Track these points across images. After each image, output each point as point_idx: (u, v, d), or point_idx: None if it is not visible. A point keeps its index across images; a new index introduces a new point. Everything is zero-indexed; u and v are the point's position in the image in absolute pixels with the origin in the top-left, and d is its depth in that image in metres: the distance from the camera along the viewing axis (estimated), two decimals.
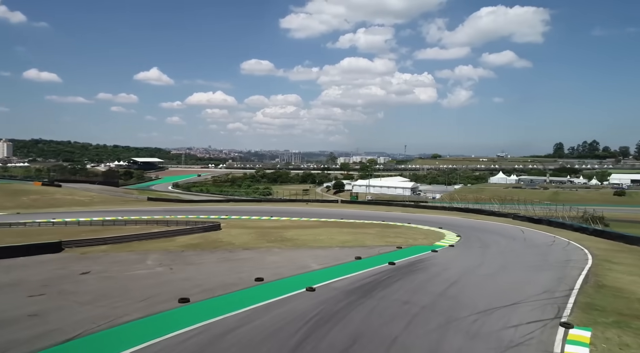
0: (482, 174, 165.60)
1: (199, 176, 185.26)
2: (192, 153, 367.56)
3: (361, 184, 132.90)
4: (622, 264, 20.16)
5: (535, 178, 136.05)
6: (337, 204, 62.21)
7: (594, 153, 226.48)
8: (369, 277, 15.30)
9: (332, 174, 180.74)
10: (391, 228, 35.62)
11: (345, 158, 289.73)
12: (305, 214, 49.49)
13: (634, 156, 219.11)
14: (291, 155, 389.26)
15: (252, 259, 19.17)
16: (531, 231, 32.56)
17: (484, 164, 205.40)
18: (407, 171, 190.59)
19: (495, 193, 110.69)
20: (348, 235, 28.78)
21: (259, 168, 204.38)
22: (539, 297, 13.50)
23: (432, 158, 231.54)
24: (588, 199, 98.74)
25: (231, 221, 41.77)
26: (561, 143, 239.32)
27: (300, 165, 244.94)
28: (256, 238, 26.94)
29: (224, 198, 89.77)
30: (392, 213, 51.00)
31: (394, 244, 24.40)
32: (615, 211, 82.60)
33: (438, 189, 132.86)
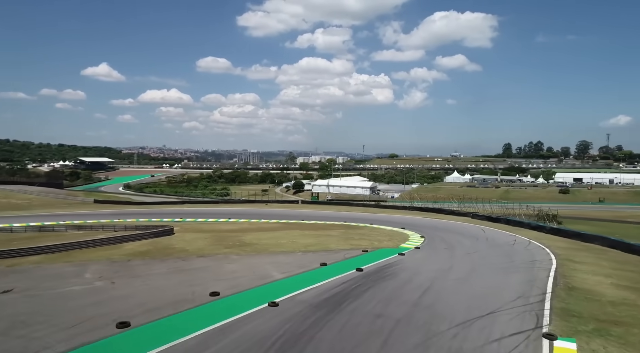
0: (437, 174, 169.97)
1: (153, 177, 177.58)
2: (145, 153, 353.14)
3: (321, 184, 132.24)
4: (584, 263, 20.18)
5: (487, 177, 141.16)
6: (297, 204, 60.81)
7: (539, 153, 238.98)
8: (336, 287, 14.04)
9: (292, 174, 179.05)
10: (354, 229, 34.70)
11: (304, 158, 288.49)
12: (265, 216, 47.72)
13: (574, 156, 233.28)
14: (249, 155, 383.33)
15: (208, 268, 17.39)
16: (492, 231, 32.70)
17: (439, 163, 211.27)
18: (366, 171, 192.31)
19: (451, 192, 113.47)
20: (311, 238, 27.47)
21: (217, 168, 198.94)
22: (514, 304, 12.79)
23: (389, 158, 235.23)
24: (537, 197, 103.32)
25: (186, 224, 39.31)
26: (509, 144, 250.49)
27: (259, 165, 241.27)
28: (212, 243, 25.02)
29: (179, 199, 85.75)
30: (354, 214, 50.29)
31: (359, 247, 23.35)
32: (562, 208, 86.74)
33: (396, 189, 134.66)
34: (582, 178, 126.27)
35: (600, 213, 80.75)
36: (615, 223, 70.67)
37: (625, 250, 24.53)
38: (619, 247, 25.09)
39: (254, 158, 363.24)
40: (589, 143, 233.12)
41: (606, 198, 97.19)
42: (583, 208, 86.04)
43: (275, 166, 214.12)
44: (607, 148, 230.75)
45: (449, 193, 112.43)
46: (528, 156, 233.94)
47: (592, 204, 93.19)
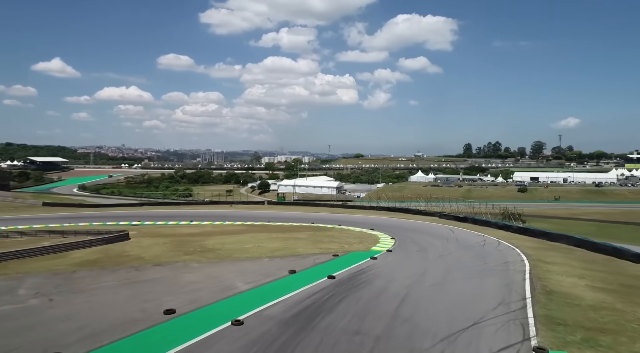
0: (402, 173, 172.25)
1: (111, 177, 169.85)
2: (102, 152, 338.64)
3: (287, 184, 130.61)
4: (556, 264, 19.97)
5: (450, 177, 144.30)
6: (263, 205, 59.08)
7: (497, 153, 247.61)
8: (308, 298, 12.79)
9: (257, 174, 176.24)
10: (322, 231, 33.60)
11: (269, 158, 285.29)
12: (230, 218, 45.84)
13: (530, 156, 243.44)
14: (213, 155, 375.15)
15: (164, 279, 15.68)
16: (460, 231, 32.51)
17: (403, 163, 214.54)
18: (332, 171, 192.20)
19: (416, 191, 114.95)
20: (278, 242, 26.09)
21: (179, 168, 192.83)
22: (497, 312, 12.02)
23: (355, 158, 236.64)
24: (497, 196, 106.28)
25: (144, 228, 36.91)
26: (470, 144, 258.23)
27: (223, 165, 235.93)
28: (171, 249, 23.15)
29: (138, 201, 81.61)
30: (321, 214, 49.26)
31: (329, 251, 22.21)
32: (522, 207, 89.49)
33: (362, 188, 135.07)
34: (538, 177, 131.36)
35: (556, 210, 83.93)
36: (571, 220, 73.51)
37: (591, 248, 24.75)
38: (584, 246, 25.32)
39: (218, 158, 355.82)
40: (542, 144, 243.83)
41: (561, 196, 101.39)
42: (541, 206, 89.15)
43: (240, 166, 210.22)
44: (559, 148, 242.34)
45: (414, 192, 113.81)
46: (487, 156, 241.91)
47: (549, 202, 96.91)
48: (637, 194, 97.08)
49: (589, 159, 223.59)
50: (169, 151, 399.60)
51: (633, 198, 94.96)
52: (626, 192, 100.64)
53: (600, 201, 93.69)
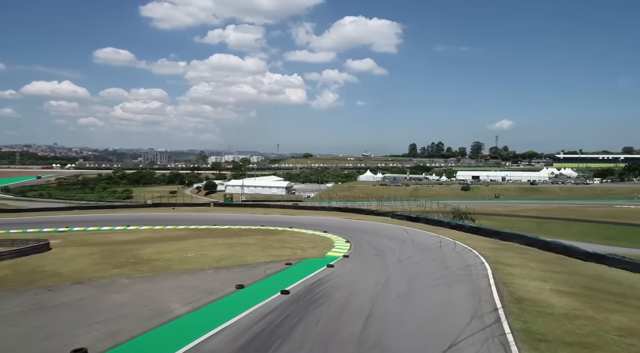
0: (350, 173, 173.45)
1: (39, 178, 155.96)
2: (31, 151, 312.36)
3: (235, 185, 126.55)
4: (515, 266, 19.39)
5: (397, 176, 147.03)
6: (209, 207, 55.71)
7: (440, 152, 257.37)
8: (258, 322, 10.77)
9: (203, 174, 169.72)
10: (273, 234, 31.49)
11: (216, 157, 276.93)
12: (172, 222, 42.38)
13: (470, 155, 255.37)
14: (157, 154, 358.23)
15: (82, 303, 12.92)
16: (415, 231, 31.77)
17: (352, 163, 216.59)
18: (281, 170, 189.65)
19: (365, 191, 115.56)
20: (224, 248, 23.69)
21: (118, 168, 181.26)
22: (472, 328, 10.70)
23: (304, 157, 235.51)
24: (442, 194, 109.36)
25: (71, 235, 32.81)
26: (415, 144, 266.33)
27: (167, 165, 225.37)
28: (99, 261, 20.05)
29: (68, 204, 74.39)
30: (271, 216, 47.05)
31: (281, 258, 20.23)
32: (465, 204, 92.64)
33: (312, 188, 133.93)
34: (479, 176, 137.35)
35: (497, 208, 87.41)
36: (512, 217, 76.66)
37: (543, 247, 24.75)
38: (537, 245, 25.31)
39: (162, 158, 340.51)
40: (481, 144, 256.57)
41: (500, 194, 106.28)
42: (483, 204, 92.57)
43: (185, 166, 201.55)
44: (496, 149, 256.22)
45: (364, 191, 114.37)
46: (431, 156, 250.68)
47: (490, 199, 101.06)
48: (567, 192, 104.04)
49: (522, 159, 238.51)
50: (108, 150, 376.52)
51: (564, 195, 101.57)
52: (557, 189, 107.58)
53: (535, 198, 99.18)
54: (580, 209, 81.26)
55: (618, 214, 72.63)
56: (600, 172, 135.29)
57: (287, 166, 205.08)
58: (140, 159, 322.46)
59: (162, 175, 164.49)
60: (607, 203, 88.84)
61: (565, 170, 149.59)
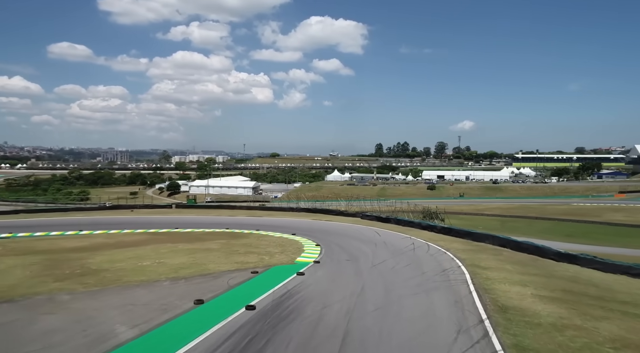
0: (318, 173, 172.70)
1: None
2: None
3: (199, 185, 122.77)
4: (492, 269, 18.70)
5: (364, 175, 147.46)
6: (171, 209, 52.89)
7: (405, 152, 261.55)
8: (219, 347, 9.21)
9: (166, 174, 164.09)
10: (238, 238, 29.72)
11: (180, 157, 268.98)
12: (130, 225, 39.60)
13: (434, 155, 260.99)
14: (117, 154, 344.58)
15: (5, 329, 10.86)
16: (386, 233, 30.84)
17: (319, 162, 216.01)
18: (248, 170, 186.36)
19: (333, 190, 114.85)
20: (184, 255, 21.77)
21: (74, 168, 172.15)
22: (460, 346, 9.61)
23: (271, 157, 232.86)
24: (409, 194, 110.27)
25: (13, 242, 29.69)
26: (381, 144, 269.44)
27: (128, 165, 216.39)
28: (39, 273, 17.71)
29: (14, 207, 68.91)
30: (237, 218, 45.07)
31: (246, 266, 18.62)
32: (432, 203, 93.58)
33: (279, 188, 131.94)
34: (444, 175, 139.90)
35: (462, 206, 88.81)
36: (477, 215, 77.97)
37: (515, 248, 24.38)
38: (509, 246, 24.93)
39: (123, 157, 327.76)
40: (445, 144, 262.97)
41: (465, 193, 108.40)
42: (449, 203, 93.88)
43: (147, 166, 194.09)
44: (459, 149, 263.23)
45: (332, 191, 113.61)
46: (397, 155, 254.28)
47: (455, 198, 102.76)
48: (527, 190, 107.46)
49: (483, 159, 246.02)
50: (64, 149, 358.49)
51: (524, 193, 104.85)
52: (518, 188, 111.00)
53: (498, 197, 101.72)
54: (540, 207, 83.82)
55: (575, 212, 75.36)
56: (557, 171, 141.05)
57: (254, 166, 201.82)
58: (99, 159, 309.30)
59: (122, 175, 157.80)
60: (564, 200, 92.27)
61: (524, 169, 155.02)
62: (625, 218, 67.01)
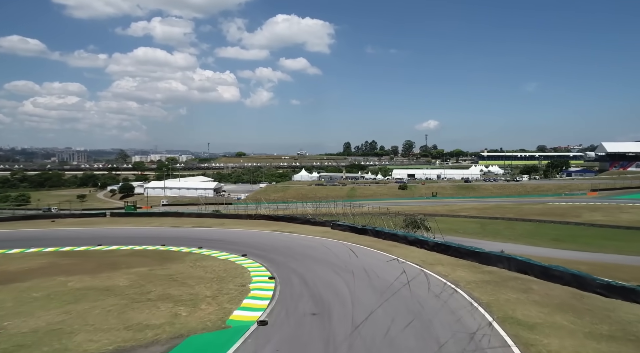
0: (285, 172, 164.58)
1: None
2: None
3: (156, 186, 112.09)
4: (541, 327, 11.72)
5: (333, 175, 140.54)
6: (104, 218, 43.67)
7: (374, 151, 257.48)
8: None
9: (123, 175, 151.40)
10: (168, 263, 21.64)
11: (141, 157, 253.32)
12: (41, 242, 30.46)
13: (402, 153, 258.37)
14: (74, 153, 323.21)
15: None
16: (364, 252, 23.56)
17: (286, 161, 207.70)
18: (211, 170, 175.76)
19: (300, 191, 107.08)
20: (57, 307, 13.57)
21: (18, 169, 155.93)
22: None
23: (236, 156, 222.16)
24: (380, 194, 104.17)
25: None
26: (349, 142, 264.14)
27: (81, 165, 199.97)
28: None
29: None
30: (181, 230, 36.67)
31: (141, 337, 10.77)
32: (405, 205, 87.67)
33: (243, 189, 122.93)
34: (414, 173, 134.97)
35: (436, 207, 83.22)
36: (452, 217, 72.35)
37: (542, 276, 17.64)
38: (532, 272, 18.13)
39: (81, 157, 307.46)
40: (412, 143, 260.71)
41: (437, 192, 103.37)
42: (422, 203, 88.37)
43: (102, 167, 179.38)
44: (426, 147, 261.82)
45: (299, 192, 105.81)
46: (365, 154, 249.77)
47: (427, 198, 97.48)
48: (500, 189, 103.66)
49: (450, 157, 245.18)
50: (15, 149, 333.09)
51: (497, 192, 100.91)
52: (490, 187, 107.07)
53: (471, 196, 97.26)
54: (515, 207, 79.46)
55: (553, 212, 71.17)
56: (526, 169, 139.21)
57: (218, 165, 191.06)
58: (54, 159, 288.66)
59: (73, 177, 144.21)
60: (538, 200, 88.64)
61: (493, 167, 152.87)
62: (604, 218, 63.14)
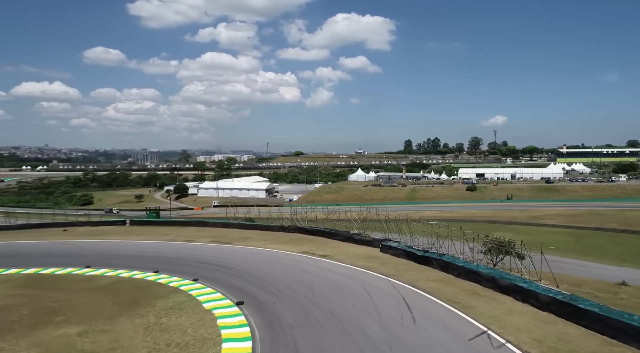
0: (342, 171, 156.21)
1: (2, 182, 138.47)
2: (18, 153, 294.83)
3: (208, 187, 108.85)
4: None
5: (392, 174, 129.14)
6: (122, 227, 38.08)
7: (436, 149, 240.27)
8: None
9: (184, 174, 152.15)
10: (123, 314, 13.98)
11: (206, 157, 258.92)
12: (8, 262, 24.59)
13: (467, 151, 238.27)
14: (147, 154, 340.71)
15: None
16: (425, 307, 14.17)
17: (344, 160, 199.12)
18: (269, 170, 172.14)
19: (355, 192, 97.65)
20: None
21: (89, 170, 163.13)
22: None
23: (294, 155, 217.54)
24: (445, 196, 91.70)
25: None
26: (410, 140, 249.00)
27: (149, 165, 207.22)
28: None
29: None
30: (195, 245, 29.44)
31: None
32: (474, 209, 75.26)
33: (297, 189, 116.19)
34: (484, 173, 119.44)
35: (514, 213, 69.77)
36: (534, 226, 59.10)
37: None
38: None
39: (153, 158, 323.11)
40: (479, 139, 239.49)
41: (513, 194, 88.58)
42: (495, 208, 75.08)
43: (166, 167, 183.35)
44: (495, 144, 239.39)
45: (353, 193, 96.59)
46: (427, 152, 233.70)
47: (501, 202, 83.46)
48: (591, 191, 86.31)
49: (522, 154, 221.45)
50: (98, 151, 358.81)
51: (588, 195, 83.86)
52: (579, 188, 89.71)
53: (555, 199, 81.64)
54: (617, 213, 63.86)
55: None
56: (621, 167, 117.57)
57: (275, 165, 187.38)
58: (130, 159, 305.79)
59: (138, 177, 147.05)
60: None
61: (577, 165, 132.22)
62: None
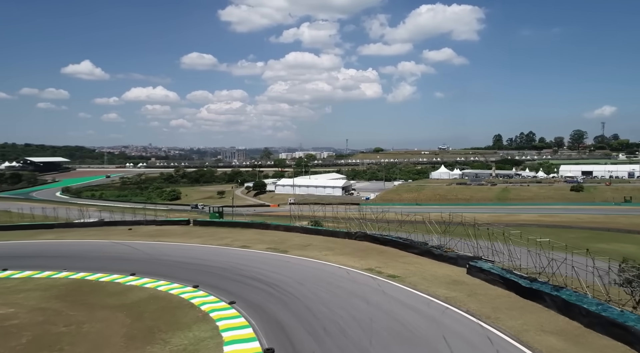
0: (424, 168, 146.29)
1: (108, 178, 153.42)
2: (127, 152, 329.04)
3: (285, 184, 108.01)
4: None
5: (480, 172, 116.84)
6: (183, 227, 36.57)
7: (531, 143, 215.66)
8: None
9: (265, 171, 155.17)
10: None
11: (287, 154, 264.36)
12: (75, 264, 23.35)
13: (568, 146, 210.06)
14: (235, 152, 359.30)
15: None
16: None
17: (426, 157, 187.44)
18: (347, 167, 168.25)
19: (437, 191, 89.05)
20: None
21: (180, 166, 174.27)
22: None
23: (374, 152, 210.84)
24: (543, 197, 79.15)
25: None
26: (500, 135, 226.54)
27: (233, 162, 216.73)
28: None
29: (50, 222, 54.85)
30: (249, 252, 26.05)
31: None
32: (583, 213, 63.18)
33: (375, 187, 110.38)
34: (592, 170, 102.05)
35: (634, 219, 56.64)
36: None
37: None
38: None
39: (240, 156, 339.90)
40: (583, 132, 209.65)
41: (632, 196, 73.31)
42: (609, 212, 61.98)
43: (248, 164, 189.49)
44: (603, 137, 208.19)
45: (435, 192, 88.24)
46: (520, 148, 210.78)
47: (617, 205, 69.23)
48: None
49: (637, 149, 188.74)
50: (193, 149, 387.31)
51: None
52: None
53: None
54: None
55: None
56: None
57: (354, 161, 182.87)
58: (220, 156, 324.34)
59: (223, 173, 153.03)
60: None
61: None
62: None
